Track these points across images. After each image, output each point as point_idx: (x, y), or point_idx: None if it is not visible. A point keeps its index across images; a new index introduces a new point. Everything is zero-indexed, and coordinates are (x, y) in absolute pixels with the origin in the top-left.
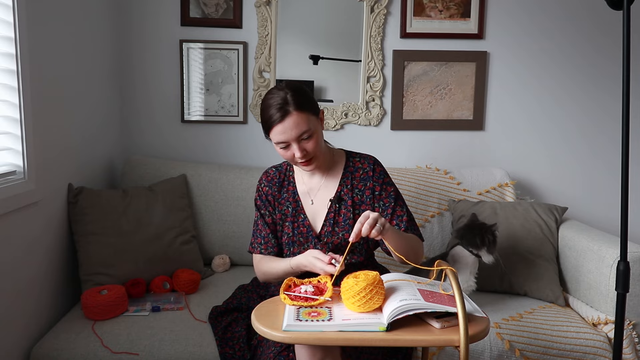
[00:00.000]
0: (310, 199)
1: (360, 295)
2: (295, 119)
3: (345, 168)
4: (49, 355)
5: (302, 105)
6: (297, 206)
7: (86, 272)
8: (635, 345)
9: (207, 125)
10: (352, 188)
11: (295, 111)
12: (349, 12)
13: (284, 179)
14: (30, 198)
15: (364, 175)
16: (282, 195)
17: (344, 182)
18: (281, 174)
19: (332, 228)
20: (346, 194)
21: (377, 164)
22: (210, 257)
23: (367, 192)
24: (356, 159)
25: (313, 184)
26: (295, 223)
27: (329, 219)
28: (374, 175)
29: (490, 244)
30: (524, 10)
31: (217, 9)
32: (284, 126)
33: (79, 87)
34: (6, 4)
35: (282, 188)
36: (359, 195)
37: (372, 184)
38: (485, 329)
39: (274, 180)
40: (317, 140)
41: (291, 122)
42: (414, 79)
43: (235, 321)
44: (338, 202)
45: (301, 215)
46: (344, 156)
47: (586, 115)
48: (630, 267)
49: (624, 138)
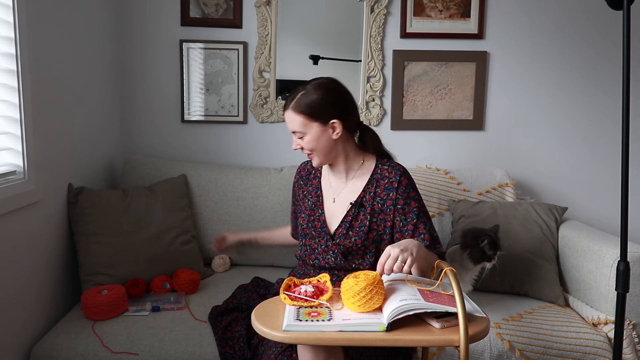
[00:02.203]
0: (332, 197)
1: (360, 295)
2: (289, 116)
3: (372, 174)
4: (49, 355)
5: (299, 108)
6: (318, 201)
7: (86, 272)
8: (635, 345)
9: (207, 125)
10: (375, 196)
11: (290, 110)
12: (349, 12)
13: (312, 172)
14: (30, 198)
15: (388, 185)
16: (307, 188)
17: (368, 188)
18: (312, 167)
19: (346, 231)
20: (367, 201)
21: (405, 176)
22: (210, 257)
23: (389, 202)
24: (385, 166)
25: (338, 184)
26: (311, 216)
27: (345, 222)
28: (399, 188)
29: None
30: (524, 11)
31: (217, 9)
32: (286, 117)
33: (79, 87)
34: (6, 4)
35: (308, 181)
36: (380, 204)
37: (395, 196)
38: (485, 329)
39: (302, 172)
40: (311, 142)
41: (287, 117)
42: (414, 79)
43: (235, 321)
44: (358, 208)
45: (319, 211)
46: (374, 162)
47: (586, 115)
48: (630, 267)
49: (624, 138)
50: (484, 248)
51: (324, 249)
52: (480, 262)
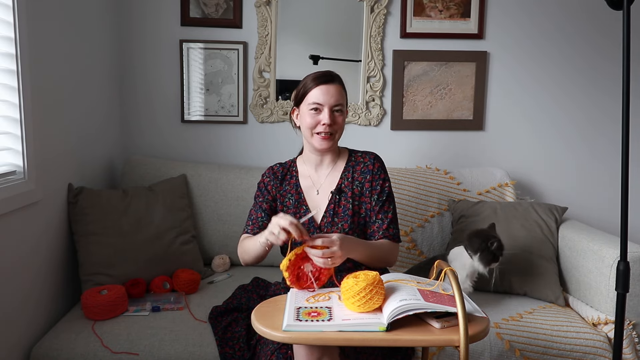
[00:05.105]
0: (315, 190)
1: (360, 295)
2: (339, 89)
3: (347, 162)
4: (49, 355)
5: (343, 84)
6: (300, 198)
7: (86, 272)
8: (635, 345)
9: (207, 125)
10: (353, 180)
11: (337, 84)
12: (349, 12)
13: (287, 173)
14: (30, 198)
15: (364, 168)
16: (284, 188)
17: (345, 174)
18: (285, 169)
19: (331, 219)
20: (347, 186)
21: (377, 160)
22: (210, 257)
23: (367, 184)
24: (358, 154)
25: (318, 176)
26: (297, 214)
27: (329, 210)
28: (374, 170)
29: (491, 258)
30: (524, 11)
31: (217, 9)
32: (326, 89)
33: (79, 87)
34: (6, 4)
35: (284, 181)
36: (359, 188)
37: (371, 177)
38: (485, 329)
39: (277, 174)
40: (343, 121)
41: (333, 89)
42: (414, 79)
43: (235, 321)
44: (338, 194)
45: (303, 207)
46: (347, 153)
47: (586, 115)
48: (630, 267)
49: (624, 138)
50: (494, 251)
51: None
52: (491, 264)
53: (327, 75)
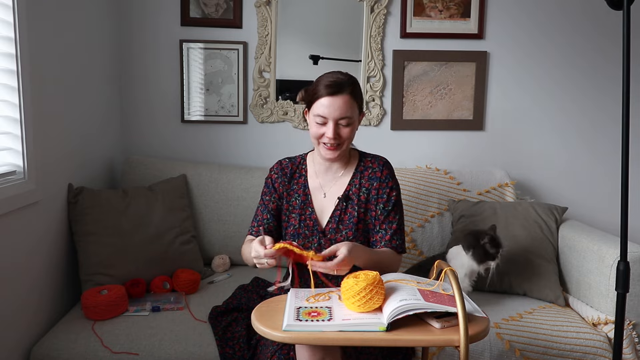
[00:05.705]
0: (323, 192)
1: (360, 295)
2: (346, 100)
3: (356, 167)
4: (49, 355)
5: (356, 94)
6: (307, 199)
7: (86, 272)
8: (635, 345)
9: (207, 125)
10: (360, 187)
11: (349, 95)
12: (349, 12)
13: (296, 170)
14: (30, 198)
15: (372, 175)
16: (291, 187)
17: (353, 181)
18: (294, 165)
19: (336, 225)
20: (354, 193)
21: (387, 167)
22: (210, 257)
23: (373, 191)
24: (368, 159)
25: (327, 179)
26: (302, 215)
27: (334, 216)
28: (382, 177)
29: (484, 255)
30: (524, 11)
31: (217, 9)
32: (333, 101)
33: (79, 87)
34: (6, 4)
35: (292, 179)
36: (366, 194)
37: (378, 185)
38: (485, 329)
39: (285, 170)
40: (351, 131)
41: (340, 101)
42: (414, 79)
43: (235, 321)
44: (345, 201)
45: (309, 209)
46: (357, 156)
47: (586, 115)
48: (630, 267)
49: (624, 138)
50: (485, 246)
51: (316, 247)
52: (484, 262)
53: (336, 85)
